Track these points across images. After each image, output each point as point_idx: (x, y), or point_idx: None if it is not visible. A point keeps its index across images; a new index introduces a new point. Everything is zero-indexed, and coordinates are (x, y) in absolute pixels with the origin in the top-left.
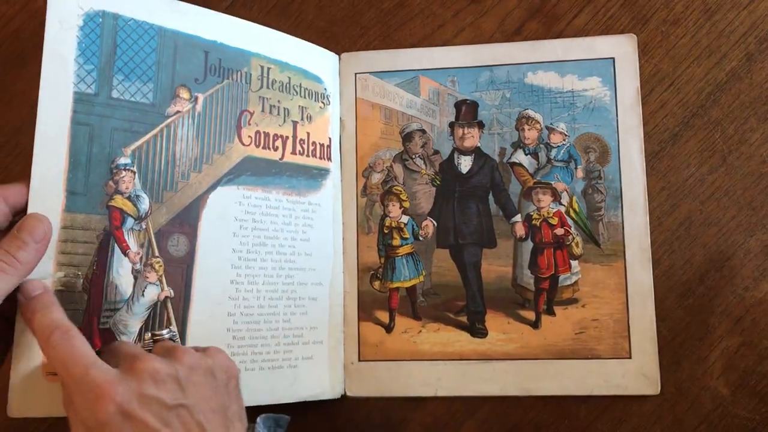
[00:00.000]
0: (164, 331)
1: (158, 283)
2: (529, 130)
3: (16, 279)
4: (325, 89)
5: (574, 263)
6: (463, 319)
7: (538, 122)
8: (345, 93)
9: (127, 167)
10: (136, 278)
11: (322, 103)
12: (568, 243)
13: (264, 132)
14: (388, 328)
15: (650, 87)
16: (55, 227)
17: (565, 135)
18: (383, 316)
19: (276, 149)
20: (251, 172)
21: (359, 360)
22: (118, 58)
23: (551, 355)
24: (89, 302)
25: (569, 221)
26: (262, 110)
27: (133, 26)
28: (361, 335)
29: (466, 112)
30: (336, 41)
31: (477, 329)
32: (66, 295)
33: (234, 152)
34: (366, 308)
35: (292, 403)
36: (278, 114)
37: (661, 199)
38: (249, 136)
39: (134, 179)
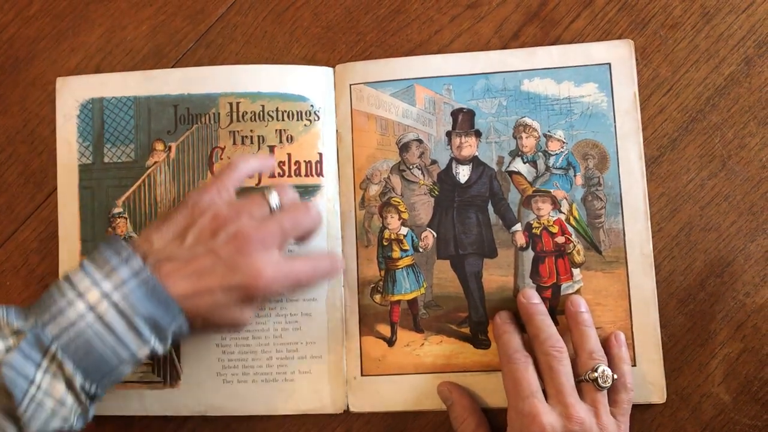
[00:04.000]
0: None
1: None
2: (526, 138)
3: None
4: (312, 106)
5: (575, 271)
6: (466, 330)
7: (536, 130)
8: (340, 105)
9: (120, 215)
10: None
11: (308, 120)
12: (569, 251)
13: None
14: (390, 342)
15: (649, 92)
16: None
17: (563, 142)
18: (385, 329)
19: (251, 176)
20: None
21: (362, 375)
22: (106, 131)
23: None
24: None
25: (570, 229)
26: (234, 143)
27: (114, 103)
28: (363, 349)
29: (463, 121)
30: (332, 47)
31: (480, 340)
32: None
33: None
34: (367, 322)
35: (292, 416)
36: (251, 143)
37: (661, 204)
38: None
39: (127, 224)
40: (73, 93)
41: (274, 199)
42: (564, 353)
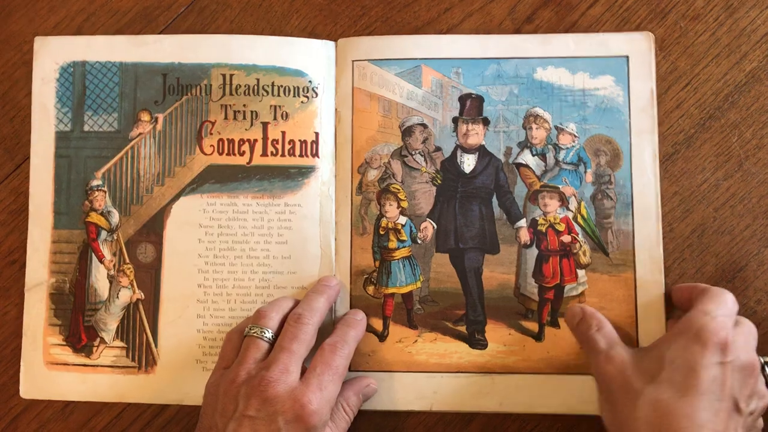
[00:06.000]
0: None
1: (130, 286)
2: (536, 129)
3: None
4: (311, 81)
5: (580, 272)
6: (462, 328)
7: (547, 121)
8: (341, 82)
9: (99, 188)
10: (111, 282)
11: (305, 97)
12: (575, 251)
13: (228, 139)
14: (382, 337)
15: (666, 85)
16: (47, 241)
17: (575, 136)
18: (377, 323)
19: (242, 154)
20: (215, 179)
21: (350, 370)
22: (87, 97)
23: (554, 369)
24: (75, 303)
25: (577, 228)
26: (225, 118)
27: (98, 68)
28: None
29: (471, 107)
30: (334, 20)
31: (476, 340)
32: (57, 297)
33: (195, 163)
34: None
35: None
36: (244, 118)
37: (673, 204)
38: (211, 146)
39: (105, 197)
40: (53, 54)
41: (267, 333)
42: None
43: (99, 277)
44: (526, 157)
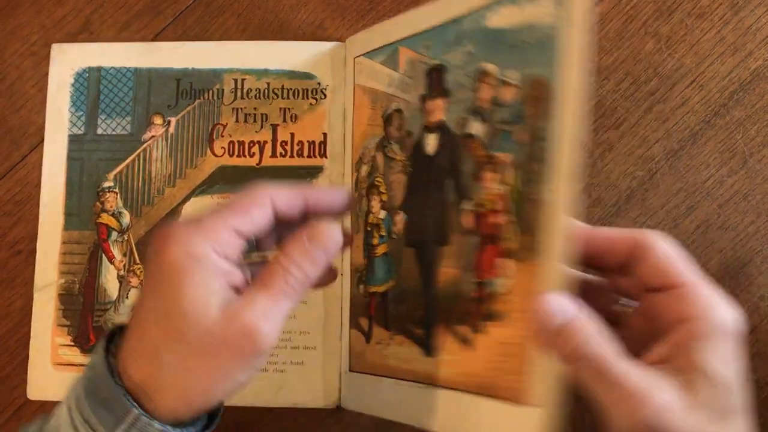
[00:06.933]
0: None
1: (140, 287)
2: (484, 88)
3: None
4: (319, 83)
5: (509, 263)
6: (420, 332)
7: (495, 77)
8: (348, 81)
9: (111, 189)
10: (121, 283)
11: (314, 99)
12: (503, 236)
13: (239, 141)
14: (367, 338)
15: (672, 83)
16: (57, 243)
17: (518, 87)
18: (365, 323)
19: (252, 155)
20: (225, 180)
21: (349, 370)
22: (101, 102)
23: (478, 388)
24: (84, 303)
25: (511, 205)
26: (236, 120)
27: (113, 73)
28: (351, 343)
29: (435, 81)
30: (341, 14)
31: (427, 346)
32: (66, 297)
33: (206, 164)
34: (354, 314)
35: (286, 409)
36: (254, 121)
37: (678, 200)
38: (222, 147)
39: (117, 199)
40: (69, 61)
41: None
42: None
43: (109, 278)
44: (475, 126)
